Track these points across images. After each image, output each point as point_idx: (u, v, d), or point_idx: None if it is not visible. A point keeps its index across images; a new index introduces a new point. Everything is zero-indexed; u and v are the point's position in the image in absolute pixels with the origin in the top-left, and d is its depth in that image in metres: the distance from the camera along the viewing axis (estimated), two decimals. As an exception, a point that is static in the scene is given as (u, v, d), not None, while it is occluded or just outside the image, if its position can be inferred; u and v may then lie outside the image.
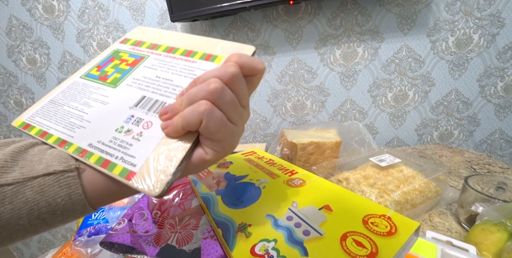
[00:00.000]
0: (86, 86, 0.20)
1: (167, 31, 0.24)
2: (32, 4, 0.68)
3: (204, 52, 0.20)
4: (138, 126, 0.17)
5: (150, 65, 0.20)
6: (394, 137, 0.67)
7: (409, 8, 0.55)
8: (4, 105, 0.82)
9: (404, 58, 0.59)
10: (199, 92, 0.14)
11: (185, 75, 0.19)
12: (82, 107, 0.19)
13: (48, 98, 0.20)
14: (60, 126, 0.18)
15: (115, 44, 0.24)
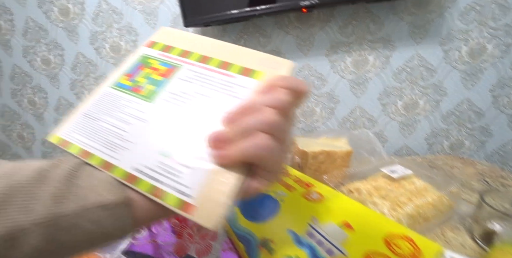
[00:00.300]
0: (118, 97, 0.19)
1: (195, 35, 0.22)
2: (48, 7, 0.69)
3: (241, 65, 0.19)
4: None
5: (185, 77, 0.19)
6: (404, 146, 0.67)
7: (422, 17, 0.55)
8: (18, 104, 0.84)
9: (415, 66, 0.59)
10: (256, 123, 0.14)
11: (224, 92, 0.18)
12: (119, 123, 0.18)
13: (82, 111, 0.19)
14: (100, 145, 0.17)
15: (142, 48, 0.22)
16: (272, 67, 0.18)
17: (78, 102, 0.79)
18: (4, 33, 0.75)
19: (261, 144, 0.14)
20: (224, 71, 0.19)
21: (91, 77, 0.75)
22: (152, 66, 0.20)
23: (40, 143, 0.89)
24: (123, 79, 0.20)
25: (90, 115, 0.19)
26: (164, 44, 0.22)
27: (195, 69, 0.19)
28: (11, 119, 0.87)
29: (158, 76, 0.20)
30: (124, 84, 0.20)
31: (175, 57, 0.20)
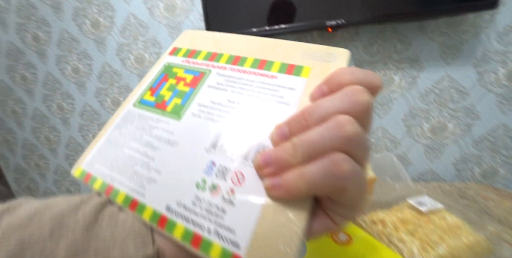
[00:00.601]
0: (143, 117, 0.16)
1: (222, 34, 0.19)
2: (82, 20, 0.74)
3: (282, 61, 0.15)
4: (225, 180, 0.13)
5: (216, 84, 0.16)
6: (429, 170, 0.63)
7: (454, 38, 0.52)
8: (48, 108, 0.89)
9: (445, 88, 0.55)
10: (327, 139, 0.10)
11: (268, 98, 0.14)
12: (145, 149, 0.15)
13: (104, 136, 0.17)
14: (125, 178, 0.15)
15: (165, 57, 0.19)
16: (323, 59, 0.15)
17: (101, 109, 0.83)
18: (42, 43, 0.80)
19: (338, 170, 0.10)
20: (262, 71, 0.15)
21: (115, 86, 0.78)
22: (177, 75, 0.17)
23: (64, 146, 0.94)
24: (147, 94, 0.18)
25: (113, 140, 0.16)
26: (188, 49, 0.19)
27: (227, 73, 0.16)
28: (41, 122, 0.93)
29: (184, 86, 0.17)
30: (147, 101, 0.17)
31: (201, 61, 0.17)
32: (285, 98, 0.14)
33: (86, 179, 0.16)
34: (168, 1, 0.64)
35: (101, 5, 0.70)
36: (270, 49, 0.16)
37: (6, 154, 1.07)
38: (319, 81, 0.14)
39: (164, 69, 0.18)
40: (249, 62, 0.16)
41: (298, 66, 0.15)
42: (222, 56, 0.17)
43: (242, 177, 0.12)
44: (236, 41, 0.18)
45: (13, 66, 0.87)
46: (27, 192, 1.12)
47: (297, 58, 0.15)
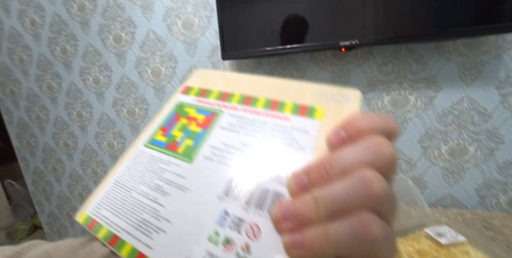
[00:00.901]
0: (154, 159, 0.16)
1: (233, 74, 0.19)
2: (106, 35, 0.79)
3: (294, 102, 0.15)
4: (239, 232, 0.11)
5: (228, 125, 0.16)
6: (448, 195, 0.59)
7: (474, 58, 0.50)
8: (68, 116, 0.94)
9: (465, 110, 0.53)
10: (354, 196, 0.09)
11: (282, 142, 0.14)
12: (154, 194, 0.14)
13: (113, 178, 0.16)
14: (132, 227, 0.14)
15: (177, 96, 0.19)
16: (335, 100, 0.14)
17: (117, 119, 0.86)
18: (69, 55, 0.86)
19: (368, 232, 0.09)
20: (275, 112, 0.15)
21: (131, 97, 0.82)
22: (189, 115, 0.17)
23: (81, 152, 0.97)
24: (158, 134, 0.17)
25: (121, 183, 0.16)
26: (199, 88, 0.19)
27: (239, 113, 0.16)
28: (61, 128, 0.98)
29: (196, 127, 0.16)
30: (159, 141, 0.17)
31: (213, 101, 0.17)
32: (300, 142, 0.14)
33: (91, 227, 0.15)
34: (186, 19, 0.67)
35: (124, 22, 0.75)
36: (281, 89, 0.16)
37: (27, 157, 1.13)
38: (333, 123, 0.13)
39: (176, 108, 0.18)
40: (261, 102, 0.16)
41: (311, 107, 0.15)
42: (233, 95, 0.17)
43: (258, 230, 0.11)
44: (247, 80, 0.18)
45: (41, 76, 0.94)
46: (42, 194, 1.16)
47: (309, 98, 0.15)
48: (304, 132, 0.14)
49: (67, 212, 1.12)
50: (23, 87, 0.99)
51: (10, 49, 0.96)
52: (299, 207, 0.10)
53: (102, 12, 0.77)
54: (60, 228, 1.18)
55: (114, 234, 0.14)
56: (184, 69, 0.72)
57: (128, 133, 0.86)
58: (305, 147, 0.13)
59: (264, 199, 0.12)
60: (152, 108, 0.80)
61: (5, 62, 0.99)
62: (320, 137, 0.13)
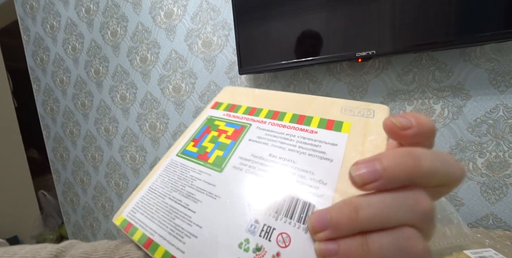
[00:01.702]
0: (186, 168, 0.17)
1: (260, 90, 0.19)
2: (133, 56, 0.86)
3: (321, 116, 0.15)
4: (270, 240, 0.12)
5: (256, 137, 0.16)
6: (489, 214, 0.52)
7: (506, 64, 0.47)
8: (97, 130, 1.01)
9: (501, 119, 0.49)
10: (400, 211, 0.09)
11: (309, 153, 0.14)
12: (186, 200, 0.15)
13: (147, 185, 0.17)
14: (165, 231, 0.14)
15: (207, 110, 0.20)
16: (362, 115, 0.15)
17: (139, 133, 0.91)
18: (100, 76, 0.95)
19: (412, 247, 0.08)
20: (302, 126, 0.15)
21: (153, 112, 0.87)
22: (218, 128, 0.18)
23: (106, 164, 1.03)
24: (190, 145, 0.18)
25: (155, 189, 0.16)
26: (228, 103, 0.20)
27: (266, 127, 0.16)
28: (90, 142, 1.05)
29: (226, 139, 0.17)
30: (190, 151, 0.17)
31: (241, 115, 0.18)
32: (328, 153, 0.14)
33: (127, 229, 0.15)
34: (206, 39, 0.72)
35: (150, 44, 0.82)
36: (308, 104, 0.17)
37: (60, 169, 1.22)
38: (361, 137, 0.14)
39: (207, 122, 0.19)
40: (288, 116, 0.16)
41: (338, 122, 0.15)
42: (261, 111, 0.18)
43: (288, 239, 0.11)
44: (274, 96, 0.18)
45: (77, 95, 1.04)
46: (69, 205, 1.23)
47: (336, 114, 0.15)
48: (332, 144, 0.14)
49: (90, 223, 1.16)
50: (61, 105, 1.10)
51: (54, 72, 1.08)
52: (335, 215, 0.10)
53: (132, 36, 0.85)
54: (84, 239, 1.22)
55: (148, 237, 0.14)
56: (203, 85, 0.76)
57: (149, 146, 0.90)
58: (333, 159, 0.13)
59: (294, 209, 0.12)
60: (172, 122, 0.84)
61: (48, 83, 1.12)
62: (349, 150, 0.13)
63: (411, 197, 0.09)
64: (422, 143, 0.10)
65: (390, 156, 0.09)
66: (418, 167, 0.09)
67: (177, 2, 0.74)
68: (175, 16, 0.75)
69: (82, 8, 0.93)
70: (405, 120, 0.10)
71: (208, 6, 0.70)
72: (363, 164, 0.10)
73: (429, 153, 0.09)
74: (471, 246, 0.38)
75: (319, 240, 0.10)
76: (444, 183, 0.10)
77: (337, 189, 0.12)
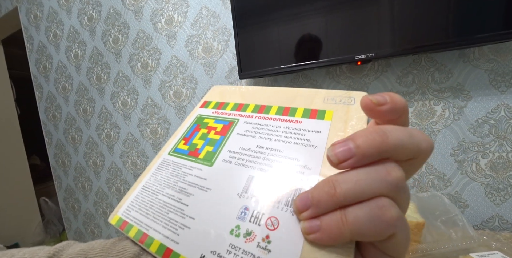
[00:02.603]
0: (178, 165, 0.17)
1: (248, 87, 0.20)
2: (135, 63, 0.87)
3: (305, 107, 0.16)
4: (259, 225, 0.12)
5: (244, 131, 0.17)
6: (495, 216, 0.52)
7: (505, 64, 0.47)
8: (99, 136, 1.02)
9: (503, 119, 0.48)
10: (373, 183, 0.09)
11: (295, 142, 0.15)
12: (179, 195, 0.15)
13: (141, 184, 0.18)
14: (159, 225, 0.15)
15: (196, 109, 0.21)
16: (343, 103, 0.15)
17: (141, 138, 0.91)
18: (102, 82, 0.96)
19: (386, 215, 0.09)
20: (287, 117, 0.16)
21: (154, 118, 0.87)
22: (208, 125, 0.19)
23: (107, 170, 1.03)
24: (181, 143, 0.19)
25: (148, 187, 0.17)
26: (217, 101, 0.20)
27: (253, 121, 0.17)
28: (91, 148, 1.05)
29: (215, 135, 0.18)
30: (181, 149, 0.18)
31: (229, 112, 0.19)
32: (312, 140, 0.14)
33: (122, 227, 0.16)
34: (206, 44, 0.73)
35: (151, 50, 0.83)
36: (292, 97, 0.17)
37: (61, 175, 1.22)
38: (342, 123, 0.15)
39: (196, 120, 0.20)
40: (274, 109, 0.17)
41: (321, 111, 0.16)
42: (248, 106, 0.18)
43: (277, 222, 0.12)
44: (260, 92, 0.19)
45: (79, 101, 1.04)
46: (71, 211, 1.22)
47: (319, 103, 0.16)
48: (316, 132, 0.15)
49: (91, 230, 1.15)
50: (63, 111, 1.11)
51: (56, 79, 1.10)
52: (316, 194, 0.10)
53: (133, 42, 0.86)
54: (85, 246, 1.21)
55: (144, 232, 0.15)
56: (204, 90, 0.77)
57: (150, 152, 0.90)
58: (317, 145, 0.14)
59: (282, 194, 0.13)
60: (173, 127, 0.84)
61: (51, 90, 1.13)
62: (332, 136, 0.14)
63: (382, 170, 0.10)
64: (396, 120, 0.11)
65: (362, 134, 0.10)
66: (386, 142, 0.10)
67: (177, 9, 0.76)
68: (176, 23, 0.77)
69: (85, 17, 0.95)
70: (380, 97, 0.11)
71: (208, 12, 0.71)
72: (338, 144, 0.10)
73: (397, 129, 0.10)
74: (477, 249, 0.37)
75: (303, 219, 0.11)
76: (414, 155, 0.10)
77: (321, 172, 0.13)
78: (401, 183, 0.10)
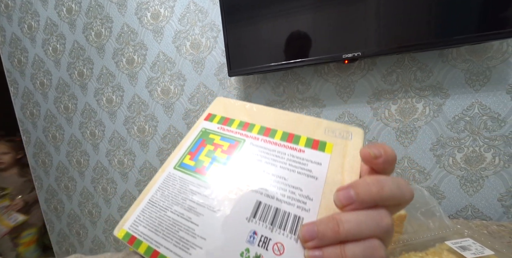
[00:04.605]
0: (184, 181, 0.17)
1: (252, 104, 0.21)
2: (119, 58, 0.84)
3: (308, 136, 0.17)
4: (267, 250, 0.13)
5: (250, 153, 0.18)
6: (468, 205, 0.56)
7: (479, 64, 0.50)
8: (82, 134, 0.98)
9: (476, 116, 0.52)
10: (369, 226, 0.12)
11: (298, 171, 0.16)
12: (188, 214, 0.16)
13: (147, 198, 0.17)
14: (170, 244, 0.15)
15: (201, 122, 0.21)
16: (342, 137, 0.17)
17: (127, 136, 0.89)
18: (85, 78, 0.91)
19: (377, 255, 0.11)
20: (291, 144, 0.17)
21: (141, 115, 0.85)
22: (214, 142, 0.19)
23: (92, 169, 0.99)
24: (187, 158, 0.19)
25: (155, 203, 0.17)
26: (222, 116, 0.21)
27: (260, 143, 0.18)
28: (75, 147, 1.01)
29: (222, 153, 0.18)
30: (188, 165, 0.18)
31: (235, 130, 0.19)
32: (313, 172, 0.16)
33: (131, 242, 0.16)
34: (194, 40, 0.71)
35: (137, 46, 0.80)
36: (295, 123, 0.19)
37: (42, 176, 1.16)
38: (340, 158, 0.16)
39: (202, 134, 0.20)
40: (279, 134, 0.18)
41: (322, 142, 0.17)
42: (254, 126, 0.19)
43: (283, 248, 0.13)
44: (264, 112, 0.20)
45: (59, 98, 0.99)
46: (53, 212, 1.17)
47: (320, 134, 0.18)
48: (317, 164, 0.16)
49: (76, 231, 1.12)
50: (42, 108, 1.05)
51: (33, 75, 1.03)
52: (322, 228, 0.12)
53: (117, 37, 0.83)
54: (69, 247, 1.17)
55: (154, 249, 0.15)
56: (192, 87, 0.75)
57: (138, 150, 0.88)
58: (318, 177, 0.16)
59: (286, 221, 0.14)
60: (161, 125, 0.82)
61: (27, 86, 1.07)
62: (331, 169, 0.16)
63: (377, 216, 0.12)
64: (386, 168, 0.14)
65: (361, 184, 0.12)
66: (380, 193, 0.12)
67: (163, 3, 0.73)
68: (162, 18, 0.74)
69: (63, 8, 0.89)
70: (377, 150, 0.13)
71: (195, 7, 0.69)
72: (341, 191, 0.13)
73: (389, 181, 0.12)
74: (452, 236, 0.40)
75: (308, 248, 0.12)
76: (399, 203, 0.13)
77: (321, 204, 0.14)
78: (391, 228, 0.12)
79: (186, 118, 0.78)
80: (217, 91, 0.72)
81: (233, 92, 0.71)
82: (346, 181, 0.15)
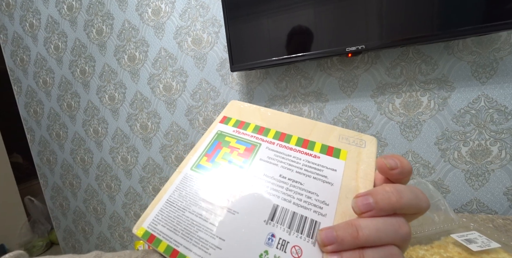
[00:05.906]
0: (202, 182, 0.18)
1: (267, 109, 0.21)
2: (121, 55, 0.84)
3: (323, 143, 0.18)
4: (285, 252, 0.14)
5: (266, 158, 0.18)
6: (473, 199, 0.55)
7: (486, 56, 0.49)
8: (86, 132, 0.98)
9: (482, 109, 0.51)
10: (388, 234, 0.12)
11: (314, 177, 0.16)
12: (206, 215, 0.16)
13: (164, 198, 0.18)
14: (190, 243, 0.15)
15: (216, 124, 0.21)
16: (355, 144, 0.17)
17: (130, 133, 0.89)
18: (87, 76, 0.92)
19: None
20: (307, 150, 0.18)
21: (144, 112, 0.85)
22: (230, 145, 0.19)
23: (96, 166, 1.00)
24: (203, 160, 0.19)
25: (174, 203, 0.17)
26: (237, 120, 0.21)
27: (275, 148, 0.18)
28: (78, 144, 1.02)
29: (238, 156, 0.18)
30: (204, 167, 0.19)
31: (251, 134, 0.20)
32: (329, 178, 0.16)
33: (150, 240, 0.16)
34: (196, 36, 0.71)
35: (138, 42, 0.80)
36: (310, 129, 0.19)
37: (47, 173, 1.17)
38: (355, 165, 0.17)
39: (217, 137, 0.20)
40: (294, 140, 0.19)
41: (336, 149, 0.17)
42: (269, 131, 0.19)
43: (300, 251, 0.13)
44: (279, 117, 0.20)
45: (62, 96, 1.00)
46: (59, 209, 1.19)
47: (334, 141, 0.18)
48: (332, 170, 0.16)
49: (82, 227, 1.13)
50: (45, 107, 1.06)
51: (36, 73, 1.04)
52: (341, 233, 0.12)
53: (118, 34, 0.82)
54: (76, 243, 1.19)
55: (174, 248, 0.15)
56: (194, 83, 0.75)
57: (141, 147, 0.88)
58: (333, 183, 0.16)
59: (303, 225, 0.15)
60: (164, 122, 0.83)
61: (30, 84, 1.07)
62: (345, 175, 0.16)
63: (395, 223, 0.12)
64: (401, 179, 0.14)
65: (380, 192, 0.13)
66: (399, 202, 0.12)
67: (164, -2, 0.73)
68: (163, 13, 0.74)
69: (64, 6, 0.89)
70: (393, 162, 0.14)
71: (196, 2, 0.69)
72: (360, 198, 0.13)
73: (407, 191, 0.13)
74: (457, 230, 0.40)
75: (327, 252, 0.13)
76: (416, 212, 0.13)
77: (337, 210, 0.15)
78: (408, 236, 0.12)
79: (189, 114, 0.78)
80: (219, 86, 0.72)
81: (236, 87, 0.70)
82: (360, 188, 0.15)
